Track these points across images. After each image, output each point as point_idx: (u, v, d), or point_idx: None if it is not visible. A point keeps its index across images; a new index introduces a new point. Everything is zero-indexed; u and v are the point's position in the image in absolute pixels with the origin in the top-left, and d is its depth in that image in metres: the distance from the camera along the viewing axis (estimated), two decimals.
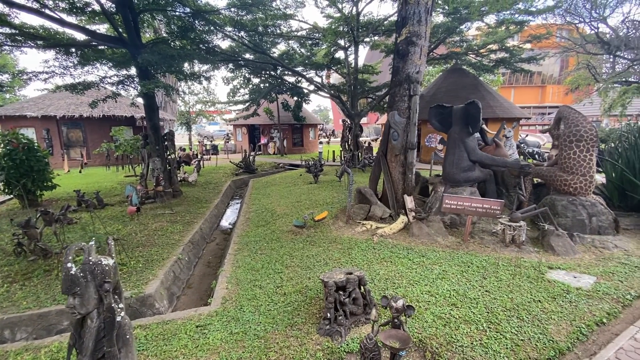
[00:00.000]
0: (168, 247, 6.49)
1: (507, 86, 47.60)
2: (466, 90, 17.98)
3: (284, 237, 6.65)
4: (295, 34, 18.07)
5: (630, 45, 15.98)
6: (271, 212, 8.80)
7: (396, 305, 2.49)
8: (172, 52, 8.94)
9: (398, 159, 7.50)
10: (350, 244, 5.82)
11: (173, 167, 10.83)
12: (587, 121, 6.10)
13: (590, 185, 6.08)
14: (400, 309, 2.49)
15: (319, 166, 12.67)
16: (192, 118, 32.86)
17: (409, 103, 7.18)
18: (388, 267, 4.85)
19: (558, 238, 5.42)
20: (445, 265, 4.82)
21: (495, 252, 5.39)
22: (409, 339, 2.40)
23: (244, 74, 18.55)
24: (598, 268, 4.65)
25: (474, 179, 7.29)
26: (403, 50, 7.09)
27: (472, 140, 7.25)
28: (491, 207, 5.75)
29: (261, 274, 5.03)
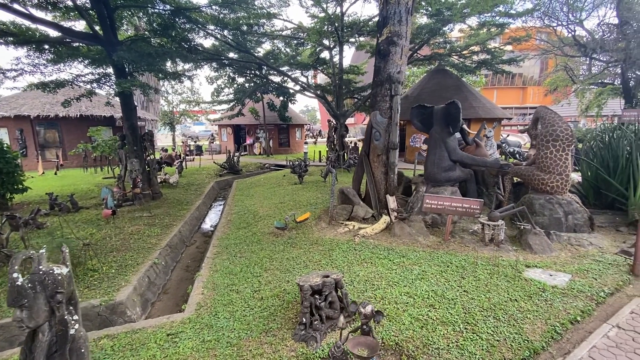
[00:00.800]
0: (144, 252, 6.26)
1: (490, 87, 48.67)
2: (449, 90, 18.24)
3: (265, 239, 6.52)
4: (280, 34, 17.93)
5: (605, 48, 16.53)
6: (253, 214, 8.65)
7: (364, 311, 2.42)
8: (150, 50, 8.67)
9: (380, 159, 7.48)
10: (332, 245, 5.75)
11: (152, 168, 10.52)
12: (562, 121, 6.22)
13: (566, 183, 6.19)
14: (369, 314, 2.42)
15: (303, 167, 12.57)
16: (176, 118, 32.15)
17: (391, 103, 7.16)
18: (368, 268, 4.79)
19: (535, 236, 5.49)
20: (425, 266, 4.80)
21: (475, 251, 5.42)
22: (378, 346, 2.33)
23: (228, 74, 18.29)
24: (573, 266, 4.72)
25: (455, 179, 7.34)
26: (384, 50, 7.07)
27: (453, 140, 7.30)
28: (471, 206, 5.78)
29: (239, 278, 4.90)
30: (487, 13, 14.45)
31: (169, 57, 10.13)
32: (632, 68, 15.92)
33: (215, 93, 21.43)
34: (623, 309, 3.55)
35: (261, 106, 24.03)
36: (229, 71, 17.63)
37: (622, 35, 15.53)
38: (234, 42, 13.91)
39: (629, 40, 14.94)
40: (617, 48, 15.86)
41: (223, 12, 12.20)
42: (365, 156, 7.78)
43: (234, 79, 18.87)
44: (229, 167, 17.03)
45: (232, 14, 12.66)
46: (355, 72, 20.08)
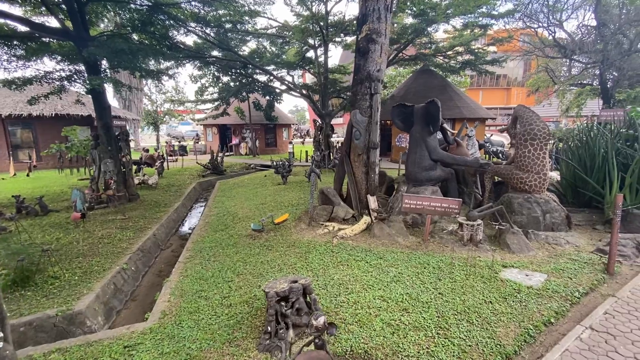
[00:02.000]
0: (112, 257, 5.96)
1: (476, 88, 49.46)
2: (435, 91, 18.34)
3: (242, 242, 6.30)
4: (264, 32, 17.67)
5: (584, 50, 16.90)
6: (233, 216, 8.40)
7: (316, 324, 2.26)
8: (122, 46, 8.32)
9: (361, 158, 7.35)
10: (309, 248, 5.58)
11: (128, 169, 10.14)
12: (540, 120, 6.22)
13: (544, 182, 6.19)
14: (321, 327, 2.27)
15: (287, 167, 12.37)
16: (160, 118, 31.42)
17: (371, 102, 7.05)
18: (344, 270, 4.64)
19: (513, 236, 5.45)
20: (402, 267, 4.68)
21: (453, 251, 5.34)
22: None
23: (212, 72, 17.95)
24: (550, 265, 4.68)
25: (435, 178, 7.28)
26: (363, 48, 6.95)
27: (433, 140, 7.24)
28: (449, 206, 5.70)
29: (209, 283, 4.68)
30: (470, 14, 14.54)
31: (144, 54, 9.77)
32: (610, 69, 16.32)
33: (199, 92, 21.02)
34: (597, 310, 3.50)
35: (247, 105, 23.67)
36: (213, 70, 17.31)
37: (600, 37, 15.90)
38: (217, 40, 13.60)
39: (606, 42, 15.29)
40: (595, 50, 16.23)
41: (204, 9, 11.91)
42: (346, 156, 7.64)
43: (219, 77, 18.52)
44: (212, 168, 16.68)
45: (214, 11, 12.37)
46: (341, 71, 19.98)
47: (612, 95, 15.77)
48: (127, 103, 28.18)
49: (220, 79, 18.73)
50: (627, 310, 3.49)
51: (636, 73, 15.33)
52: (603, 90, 16.37)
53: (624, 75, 15.52)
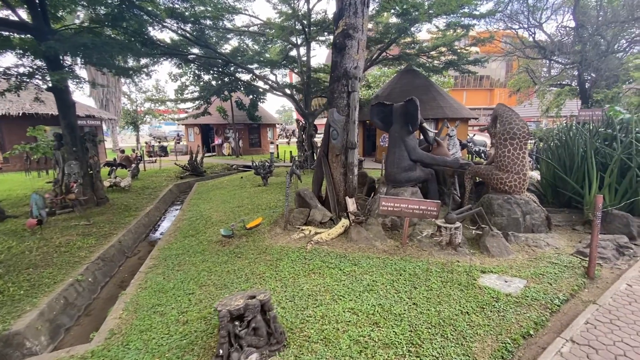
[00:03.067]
0: (67, 267, 5.47)
1: (460, 89, 50.22)
2: (418, 90, 18.31)
3: (210, 248, 5.90)
4: (246, 30, 17.22)
5: (563, 50, 17.16)
6: (206, 220, 7.98)
7: None
8: (84, 40, 7.77)
9: (339, 159, 7.06)
10: (281, 254, 5.24)
11: (96, 171, 9.56)
12: (520, 119, 6.07)
13: (523, 182, 6.04)
14: None
15: (267, 168, 11.99)
16: (140, 117, 30.39)
17: (348, 100, 6.76)
18: (315, 280, 4.33)
19: (493, 239, 5.25)
20: (377, 275, 4.40)
21: (432, 255, 5.10)
22: None
23: (193, 70, 17.40)
24: (529, 270, 4.49)
25: (415, 179, 7.06)
26: (340, 43, 6.66)
27: (412, 139, 7.02)
28: (428, 208, 5.47)
29: (168, 296, 4.28)
30: (452, 14, 14.49)
31: (109, 50, 9.21)
32: (588, 70, 16.61)
33: (179, 91, 20.39)
34: (577, 319, 3.30)
35: (230, 105, 23.11)
36: (194, 68, 16.79)
37: (578, 38, 16.16)
38: (194, 37, 13.08)
39: (584, 43, 15.54)
40: (573, 51, 16.49)
41: (181, 4, 11.41)
42: (324, 156, 7.34)
43: (200, 76, 17.99)
44: (191, 169, 16.12)
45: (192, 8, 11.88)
46: (325, 71, 19.73)
47: (590, 95, 16.05)
48: (104, 102, 27.10)
49: (201, 78, 18.20)
50: (609, 319, 3.30)
51: (613, 74, 15.64)
52: (581, 91, 16.65)
53: (601, 76, 15.81)
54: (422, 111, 17.46)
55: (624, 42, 16.03)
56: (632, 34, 15.99)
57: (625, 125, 7.37)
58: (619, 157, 6.17)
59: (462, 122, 17.67)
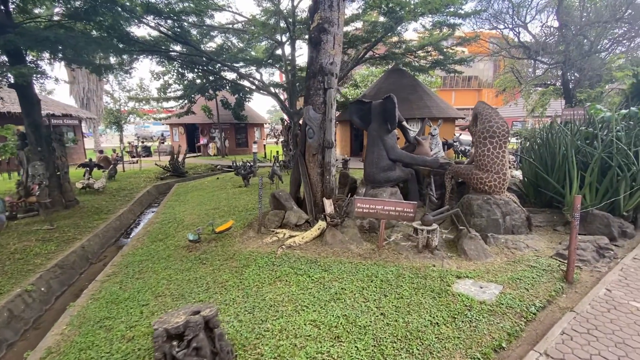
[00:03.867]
0: (18, 276, 5.06)
1: (449, 89, 50.64)
2: (405, 90, 18.21)
3: (176, 254, 5.55)
4: (229, 27, 16.82)
5: (548, 50, 17.24)
6: (178, 223, 7.61)
7: None
8: (46, 34, 7.31)
9: (316, 158, 6.78)
10: (249, 260, 4.93)
11: (63, 172, 9.07)
12: (499, 117, 5.89)
13: (504, 182, 5.86)
14: None
15: (248, 168, 11.64)
16: (124, 117, 29.58)
17: (324, 97, 6.49)
18: (280, 288, 4.03)
19: (471, 241, 5.04)
20: (347, 281, 4.13)
21: (408, 259, 4.87)
22: None
23: (177, 69, 16.95)
24: (507, 274, 4.28)
25: (394, 179, 6.83)
26: (315, 38, 6.39)
27: (391, 138, 6.79)
28: (404, 209, 5.23)
29: (120, 308, 3.93)
30: (437, 11, 14.36)
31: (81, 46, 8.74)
32: (571, 70, 16.71)
33: (162, 89, 19.87)
34: (553, 329, 3.09)
35: (215, 104, 22.63)
36: (177, 66, 16.35)
37: (562, 38, 16.23)
38: (174, 33, 12.64)
39: (568, 42, 15.62)
40: (557, 51, 16.57)
41: None
42: (301, 156, 7.05)
43: (184, 74, 17.54)
44: (172, 170, 15.63)
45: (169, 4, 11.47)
46: None
47: (573, 95, 16.14)
48: (85, 101, 26.27)
49: (185, 76, 17.75)
50: (586, 328, 3.10)
51: (596, 73, 15.74)
52: (565, 91, 16.74)
53: (584, 76, 15.91)
54: (408, 110, 17.42)
55: (606, 42, 16.16)
56: (614, 34, 16.14)
57: (606, 123, 7.28)
58: (600, 156, 6.04)
59: (449, 121, 17.62)
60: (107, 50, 10.58)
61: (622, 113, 7.42)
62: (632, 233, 5.67)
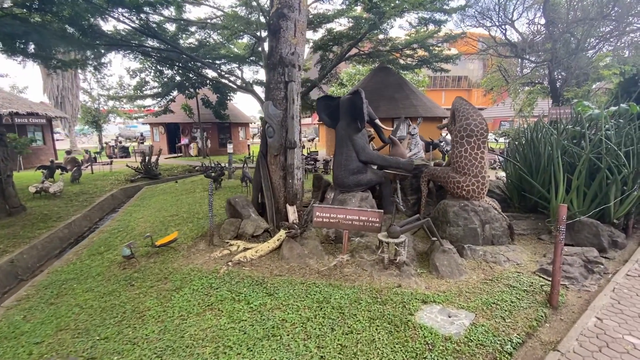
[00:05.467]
0: None
1: (439, 89, 50.60)
2: (391, 88, 17.67)
3: (107, 272, 4.79)
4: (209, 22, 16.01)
5: (535, 49, 16.84)
6: (128, 232, 6.83)
7: None
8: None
9: (277, 160, 6.08)
10: (184, 282, 4.20)
11: (6, 175, 8.19)
12: (477, 114, 5.27)
13: (483, 187, 5.25)
14: None
15: (218, 170, 10.88)
16: (102, 116, 28.48)
17: (286, 91, 5.80)
18: (207, 320, 3.32)
19: (443, 255, 4.40)
20: (292, 309, 3.44)
21: (371, 277, 4.20)
22: None
23: (155, 65, 16.11)
24: (481, 296, 3.65)
25: (365, 183, 6.17)
26: (274, 25, 5.69)
27: (362, 137, 6.12)
28: (369, 219, 4.57)
29: (8, 347, 3.17)
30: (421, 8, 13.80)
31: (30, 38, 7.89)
32: (558, 68, 16.34)
33: (138, 87, 18.97)
34: None
35: (196, 102, 21.75)
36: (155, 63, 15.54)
37: (548, 36, 15.84)
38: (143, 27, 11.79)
39: (555, 39, 15.22)
40: (544, 49, 16.18)
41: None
42: (262, 157, 6.34)
43: (162, 71, 16.71)
44: (144, 171, 14.76)
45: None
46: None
47: (560, 94, 15.76)
48: (59, 99, 25.04)
49: (163, 73, 16.92)
50: None
51: (583, 72, 15.38)
52: (552, 89, 16.37)
53: (571, 74, 15.54)
54: (394, 109, 16.79)
55: (593, 40, 15.83)
56: (601, 32, 15.81)
57: (594, 121, 6.74)
58: (588, 157, 5.47)
59: (436, 121, 17.08)
60: (68, 44, 9.77)
61: (611, 110, 6.90)
62: (624, 243, 5.11)
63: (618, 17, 14.97)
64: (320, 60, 19.01)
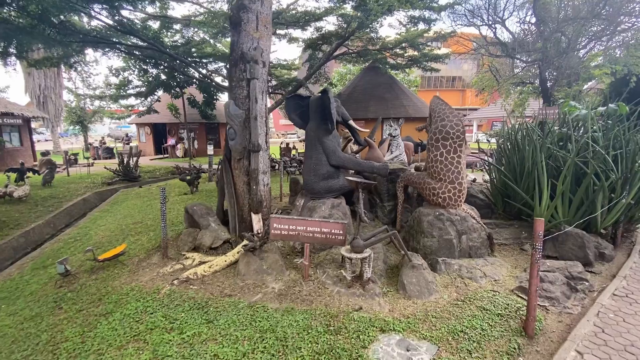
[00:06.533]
0: None
1: (432, 89, 50.47)
2: (381, 88, 17.30)
3: (42, 291, 4.29)
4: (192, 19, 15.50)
5: (525, 48, 16.52)
6: (84, 242, 6.32)
7: None
8: None
9: (241, 164, 5.61)
10: (118, 304, 3.71)
11: None
12: (454, 114, 4.84)
13: (460, 194, 4.82)
14: None
15: (193, 173, 10.37)
16: (88, 116, 27.83)
17: (248, 90, 5.33)
18: (127, 357, 2.84)
19: (412, 272, 3.96)
20: (229, 341, 2.98)
21: (332, 297, 3.75)
22: None
23: (139, 64, 15.61)
24: (450, 322, 3.21)
25: (337, 189, 5.72)
26: (234, 17, 5.22)
27: (332, 140, 5.67)
28: (332, 231, 4.12)
29: None
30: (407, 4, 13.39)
31: None
32: (549, 68, 16.03)
33: (121, 86, 18.43)
34: None
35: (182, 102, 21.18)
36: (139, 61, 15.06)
37: (539, 34, 15.53)
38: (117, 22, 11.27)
39: (545, 38, 14.91)
40: (535, 48, 15.86)
41: None
42: (226, 161, 5.86)
43: (147, 70, 16.20)
44: (123, 174, 14.19)
45: None
46: (286, 67, 18.48)
47: (551, 94, 15.46)
48: (41, 99, 24.34)
49: (148, 72, 16.43)
50: None
51: (574, 72, 15.08)
52: (543, 90, 16.07)
53: (562, 74, 15.24)
54: (384, 110, 16.35)
55: (584, 39, 15.54)
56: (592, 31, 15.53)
57: (581, 122, 6.35)
58: (573, 161, 5.07)
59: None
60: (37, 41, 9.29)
61: (599, 111, 6.51)
62: (611, 255, 4.70)
63: (609, 17, 14.68)
64: (309, 59, 18.60)
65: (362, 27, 14.99)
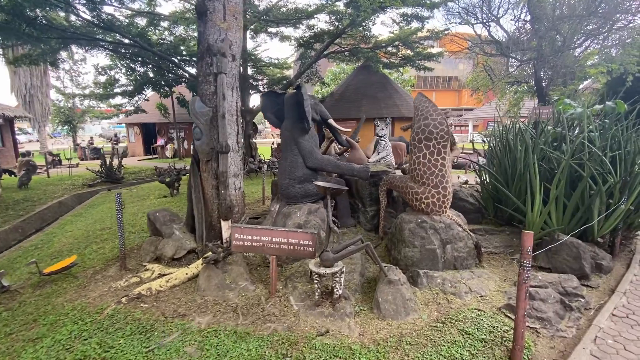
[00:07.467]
0: None
1: (429, 89, 50.28)
2: (374, 87, 16.95)
3: None
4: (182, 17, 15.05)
5: (520, 47, 16.18)
6: (44, 250, 5.86)
7: None
8: None
9: (210, 167, 5.17)
10: (54, 327, 3.26)
11: None
12: (438, 113, 4.43)
13: (445, 199, 4.40)
14: None
15: (174, 174, 9.92)
16: (77, 116, 27.25)
17: (215, 85, 4.89)
18: None
19: (389, 288, 3.54)
20: None
21: (297, 317, 3.32)
22: None
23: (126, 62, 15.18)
24: (425, 350, 2.79)
25: (315, 193, 5.29)
26: (200, 7, 4.78)
27: (309, 140, 5.24)
28: (300, 242, 3.69)
29: None
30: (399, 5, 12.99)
31: None
32: (544, 67, 15.70)
33: (107, 85, 17.95)
34: None
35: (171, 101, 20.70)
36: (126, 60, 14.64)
37: (534, 33, 15.19)
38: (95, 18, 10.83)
39: (540, 36, 14.57)
40: (529, 47, 15.53)
41: None
42: (194, 163, 5.42)
43: (134, 69, 15.76)
44: (105, 175, 13.68)
45: None
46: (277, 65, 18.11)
47: (546, 93, 15.12)
48: (27, 98, 23.70)
49: (135, 70, 16.00)
50: None
51: (569, 70, 14.75)
52: (538, 89, 15.73)
53: (557, 73, 14.90)
54: (377, 109, 15.94)
55: (580, 37, 15.20)
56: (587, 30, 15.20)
57: (577, 121, 5.97)
58: (568, 163, 4.67)
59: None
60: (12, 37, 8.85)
61: (595, 109, 6.13)
62: (609, 266, 4.30)
63: (605, 14, 14.34)
64: (300, 57, 18.19)
65: (353, 25, 14.60)
